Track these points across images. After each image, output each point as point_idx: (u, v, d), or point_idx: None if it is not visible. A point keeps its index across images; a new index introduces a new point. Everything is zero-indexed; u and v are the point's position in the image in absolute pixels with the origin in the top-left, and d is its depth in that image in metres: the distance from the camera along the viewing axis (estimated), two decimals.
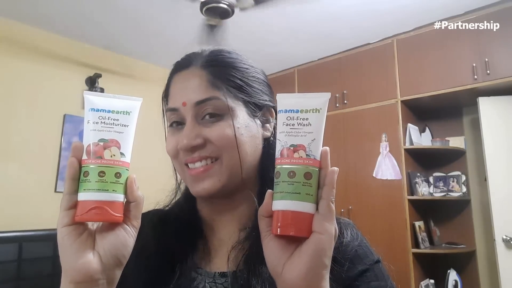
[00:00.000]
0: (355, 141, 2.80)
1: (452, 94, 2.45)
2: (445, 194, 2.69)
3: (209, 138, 0.52)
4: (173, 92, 0.57)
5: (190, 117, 0.53)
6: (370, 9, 2.37)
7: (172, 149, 0.55)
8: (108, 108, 0.45)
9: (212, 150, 0.52)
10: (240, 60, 0.58)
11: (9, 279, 2.12)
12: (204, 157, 0.52)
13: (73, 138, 2.74)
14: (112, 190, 0.42)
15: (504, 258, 2.19)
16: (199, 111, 0.53)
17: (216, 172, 0.52)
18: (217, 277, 0.53)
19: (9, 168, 2.43)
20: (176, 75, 0.58)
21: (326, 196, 0.40)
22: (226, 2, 1.95)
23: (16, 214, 2.38)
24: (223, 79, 0.54)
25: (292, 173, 0.41)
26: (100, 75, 2.85)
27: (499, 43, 2.27)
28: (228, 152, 0.52)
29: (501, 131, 2.32)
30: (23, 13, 2.45)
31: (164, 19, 2.50)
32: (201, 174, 0.52)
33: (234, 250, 0.53)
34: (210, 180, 0.52)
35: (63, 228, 0.41)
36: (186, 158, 0.53)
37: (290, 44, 2.87)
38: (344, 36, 2.75)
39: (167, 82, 0.60)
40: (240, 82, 0.56)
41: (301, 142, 0.42)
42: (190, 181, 0.54)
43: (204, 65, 0.55)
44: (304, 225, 0.40)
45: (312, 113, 0.43)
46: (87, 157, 0.43)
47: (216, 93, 0.53)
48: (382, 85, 2.73)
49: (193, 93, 0.53)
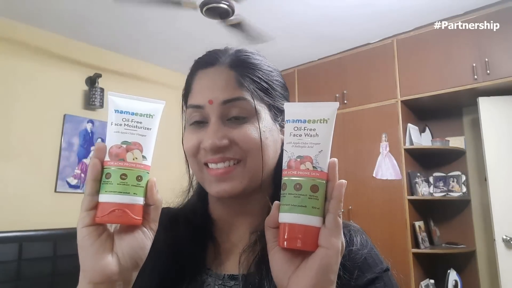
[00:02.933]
0: (355, 141, 2.80)
1: (452, 94, 2.45)
2: (445, 194, 2.69)
3: (235, 139, 0.50)
4: (197, 89, 0.55)
5: (215, 117, 0.51)
6: (370, 9, 2.37)
7: (192, 148, 0.53)
8: (132, 110, 0.45)
9: (236, 152, 0.51)
10: (264, 62, 0.57)
11: (9, 279, 2.12)
12: (228, 158, 0.51)
13: (73, 138, 2.74)
14: (133, 193, 0.42)
15: (504, 258, 2.19)
16: (226, 111, 0.51)
17: (238, 174, 0.51)
18: (226, 279, 0.52)
19: (9, 168, 2.43)
20: (200, 72, 0.56)
21: (333, 210, 0.39)
22: (226, 2, 1.95)
23: (16, 214, 2.38)
24: (250, 80, 0.53)
25: (298, 185, 0.40)
26: (100, 75, 2.85)
27: (499, 43, 2.27)
28: (253, 155, 0.51)
29: (501, 131, 2.32)
30: (23, 13, 2.45)
31: (164, 18, 2.50)
32: (223, 175, 0.51)
33: (244, 253, 0.52)
34: (232, 182, 0.51)
35: (84, 228, 0.41)
36: (208, 158, 0.51)
37: (290, 44, 2.87)
38: (344, 36, 2.75)
39: (188, 78, 0.58)
40: (266, 85, 0.55)
41: (308, 153, 0.41)
42: (210, 181, 0.52)
43: (231, 65, 0.54)
44: (310, 238, 0.39)
45: (320, 123, 0.42)
46: (110, 159, 0.43)
47: (244, 93, 0.52)
48: (382, 85, 2.73)
49: (221, 92, 0.51)
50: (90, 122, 2.85)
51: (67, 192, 2.66)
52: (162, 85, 3.34)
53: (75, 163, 2.73)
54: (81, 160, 2.77)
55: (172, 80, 3.34)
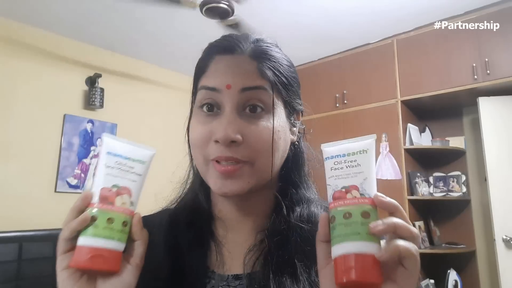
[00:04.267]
0: None
1: (452, 94, 2.45)
2: (445, 194, 2.69)
3: (248, 137, 0.47)
4: (214, 71, 0.50)
5: (231, 105, 0.47)
6: (370, 9, 2.37)
7: (201, 139, 0.49)
8: (126, 154, 0.45)
9: (246, 153, 0.47)
10: (284, 56, 0.55)
11: (9, 279, 2.12)
12: (236, 159, 0.47)
13: (73, 138, 2.74)
14: (117, 238, 0.41)
15: (504, 258, 2.19)
16: (243, 100, 0.48)
17: (246, 174, 0.48)
18: (230, 280, 0.50)
19: (9, 168, 2.43)
20: (218, 57, 0.51)
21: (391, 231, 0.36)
22: (226, 2, 1.95)
23: (16, 214, 2.38)
24: (272, 73, 0.50)
25: (347, 214, 0.38)
26: (100, 75, 2.85)
27: (499, 43, 2.27)
28: (263, 155, 0.48)
29: (501, 131, 2.32)
30: (23, 13, 2.45)
31: (164, 19, 2.50)
32: (232, 173, 0.47)
33: (250, 252, 0.50)
34: (239, 181, 0.48)
35: (64, 271, 0.40)
36: (219, 155, 0.47)
37: (290, 44, 2.87)
38: (344, 36, 2.75)
39: (203, 59, 0.53)
40: (285, 80, 0.52)
41: (353, 182, 0.39)
42: (216, 178, 0.48)
43: (253, 55, 0.51)
44: (370, 268, 0.35)
45: (360, 154, 0.41)
46: (99, 201, 0.42)
47: (265, 84, 0.49)
48: (382, 85, 2.73)
49: (241, 78, 0.48)
50: (90, 122, 2.85)
51: (67, 192, 2.66)
52: (162, 85, 3.34)
53: (75, 163, 2.73)
54: (81, 160, 2.77)
55: (172, 80, 3.34)
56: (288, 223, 0.51)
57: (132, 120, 3.10)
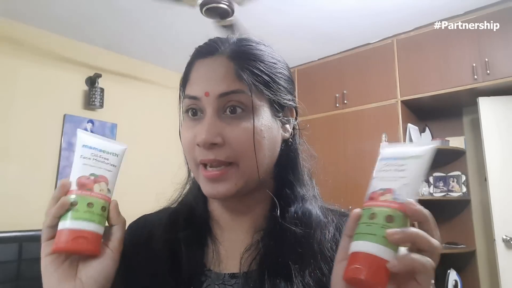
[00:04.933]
0: (355, 141, 2.80)
1: (452, 94, 2.45)
2: (445, 194, 2.69)
3: (228, 139, 0.48)
4: (194, 79, 0.52)
5: (211, 110, 0.49)
6: (370, 9, 2.37)
7: (189, 144, 0.51)
8: (100, 147, 0.48)
9: (228, 154, 0.48)
10: (268, 53, 0.54)
11: (9, 279, 2.12)
12: (220, 162, 0.48)
13: (73, 138, 2.74)
14: (98, 221, 0.44)
15: (504, 258, 2.19)
16: (222, 104, 0.49)
17: (232, 176, 0.49)
18: (226, 278, 0.50)
19: (9, 168, 2.43)
20: (198, 61, 0.53)
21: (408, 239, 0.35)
22: (226, 2, 1.95)
23: (16, 214, 2.38)
24: (250, 73, 0.50)
25: (373, 215, 0.38)
26: (100, 75, 2.85)
27: (499, 43, 2.27)
28: (247, 156, 0.48)
29: (501, 131, 2.32)
30: (23, 13, 2.45)
31: (164, 19, 2.50)
32: (217, 177, 0.48)
33: (247, 251, 0.51)
34: (226, 184, 0.49)
35: (47, 257, 0.43)
36: (202, 158, 0.49)
37: (290, 44, 2.87)
38: (344, 36, 2.75)
39: (187, 66, 0.55)
40: (267, 78, 0.52)
41: (391, 186, 0.39)
42: (205, 183, 0.50)
43: (231, 55, 0.51)
44: (376, 271, 0.35)
45: (411, 159, 0.40)
46: (77, 188, 0.45)
47: (243, 86, 0.49)
48: (382, 85, 2.73)
49: (218, 84, 0.49)
50: (90, 122, 2.85)
51: None
52: (162, 85, 3.34)
53: None
54: None
55: (172, 80, 3.34)
56: (282, 224, 0.51)
57: (132, 120, 3.10)
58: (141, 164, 3.04)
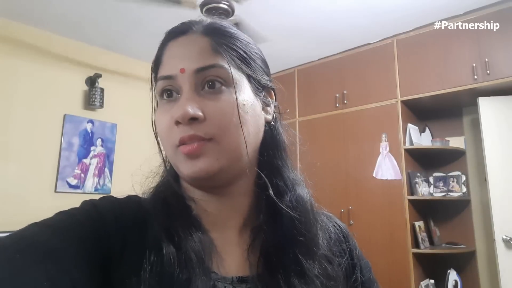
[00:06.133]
0: (355, 141, 2.80)
1: (452, 94, 2.45)
2: (445, 194, 2.69)
3: (209, 113, 0.44)
4: (167, 59, 0.48)
5: (188, 86, 0.45)
6: (370, 9, 2.37)
7: (166, 126, 0.46)
8: None
9: (208, 129, 0.44)
10: (241, 34, 0.52)
11: None
12: (199, 137, 0.44)
13: (73, 138, 2.74)
14: None
15: (504, 258, 2.19)
16: (199, 80, 0.45)
17: (213, 151, 0.44)
18: (235, 282, 0.46)
19: (9, 168, 2.43)
20: (171, 42, 0.50)
21: None
22: (226, 2, 1.95)
23: (16, 214, 2.38)
24: (227, 48, 0.47)
25: None
26: (100, 75, 2.86)
27: (499, 43, 2.27)
28: (229, 132, 0.45)
29: (501, 131, 2.32)
30: (23, 13, 2.45)
31: (164, 19, 2.50)
32: (196, 151, 0.44)
33: (249, 251, 0.48)
34: (206, 158, 0.44)
35: None
36: (182, 136, 0.44)
37: (290, 44, 2.87)
38: (344, 36, 2.75)
39: (158, 50, 0.52)
40: (244, 54, 0.49)
41: None
42: (184, 161, 0.45)
43: (205, 32, 0.48)
44: None
45: None
46: None
47: (220, 60, 0.46)
48: (382, 85, 2.73)
49: (194, 59, 0.46)
50: (90, 122, 2.85)
51: (67, 192, 2.66)
52: None
53: (75, 163, 2.73)
54: (81, 160, 2.77)
55: None
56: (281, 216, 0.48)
57: (132, 120, 3.10)
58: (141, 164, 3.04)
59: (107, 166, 2.91)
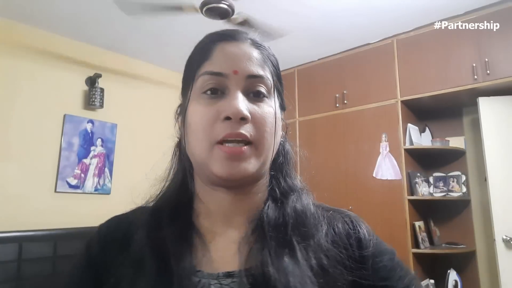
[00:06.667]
0: (355, 141, 2.80)
1: (452, 94, 2.45)
2: (445, 194, 2.69)
3: (254, 117, 0.48)
4: (219, 57, 0.50)
5: (238, 88, 0.48)
6: (370, 9, 2.37)
7: (208, 121, 0.47)
8: None
9: (253, 131, 0.47)
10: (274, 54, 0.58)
11: (9, 279, 2.12)
12: (245, 138, 0.47)
13: (73, 138, 2.74)
14: None
15: (504, 258, 2.19)
16: (248, 85, 0.49)
17: (251, 156, 0.47)
18: (221, 277, 0.46)
19: (9, 168, 2.43)
20: (222, 43, 0.52)
21: None
22: (226, 3, 1.95)
23: (16, 214, 2.38)
24: (271, 64, 0.54)
25: None
26: (100, 75, 2.85)
27: (499, 43, 2.27)
28: (264, 138, 0.48)
29: (501, 131, 2.32)
30: (23, 13, 2.45)
31: (164, 19, 2.50)
32: (239, 154, 0.46)
33: (240, 245, 0.48)
34: (245, 162, 0.47)
35: None
36: (229, 132, 0.46)
37: (290, 44, 2.87)
38: (344, 36, 2.75)
39: (205, 46, 0.52)
40: (279, 73, 0.56)
41: None
42: (223, 160, 0.46)
43: (254, 44, 0.53)
44: None
45: None
46: None
47: (267, 73, 0.51)
48: (382, 85, 2.73)
49: (248, 65, 0.50)
50: (90, 122, 2.85)
51: (67, 192, 2.66)
52: (162, 85, 3.34)
53: (75, 163, 2.73)
54: (81, 160, 2.77)
55: (172, 80, 3.34)
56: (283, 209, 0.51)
57: (132, 120, 3.10)
58: (141, 165, 3.04)
59: (107, 166, 2.91)
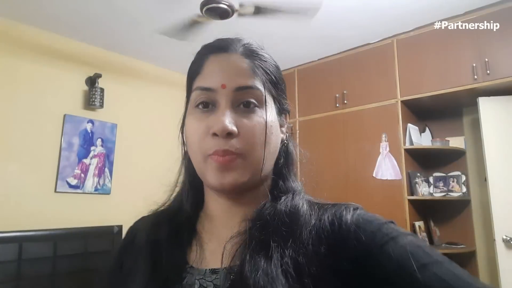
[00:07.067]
0: (355, 141, 2.80)
1: (452, 94, 2.45)
2: (445, 194, 2.69)
3: (242, 130, 0.49)
4: (208, 71, 0.52)
5: (226, 102, 0.50)
6: (370, 9, 2.37)
7: (200, 134, 0.50)
8: None
9: (240, 144, 0.49)
10: (271, 57, 0.58)
11: (9, 279, 2.12)
12: (232, 152, 0.48)
13: (73, 138, 2.74)
14: None
15: (504, 258, 2.19)
16: (237, 97, 0.50)
17: (240, 166, 0.49)
18: (207, 274, 0.49)
19: (9, 168, 2.43)
20: (212, 56, 0.54)
21: None
22: (226, 3, 1.95)
23: (16, 214, 2.38)
24: (262, 71, 0.53)
25: None
26: (100, 75, 2.85)
27: (499, 43, 2.27)
28: (255, 150, 0.49)
29: (501, 131, 2.32)
30: (23, 13, 2.45)
31: (164, 19, 2.50)
32: (228, 164, 0.48)
33: (228, 244, 0.49)
34: (234, 173, 0.49)
35: None
36: (217, 148, 0.48)
37: (290, 44, 2.87)
38: (344, 36, 2.75)
39: (197, 60, 0.55)
40: (274, 79, 0.55)
41: None
42: (215, 171, 0.49)
43: (244, 53, 0.53)
44: None
45: None
46: None
47: (257, 82, 0.51)
48: (382, 85, 2.73)
49: (235, 78, 0.50)
50: (90, 122, 2.85)
51: (67, 192, 2.66)
52: (162, 85, 3.34)
53: (75, 163, 2.73)
54: (81, 160, 2.77)
55: (172, 80, 3.35)
56: (272, 209, 0.51)
57: (132, 120, 3.10)
58: (141, 164, 3.04)
59: (107, 166, 2.91)
